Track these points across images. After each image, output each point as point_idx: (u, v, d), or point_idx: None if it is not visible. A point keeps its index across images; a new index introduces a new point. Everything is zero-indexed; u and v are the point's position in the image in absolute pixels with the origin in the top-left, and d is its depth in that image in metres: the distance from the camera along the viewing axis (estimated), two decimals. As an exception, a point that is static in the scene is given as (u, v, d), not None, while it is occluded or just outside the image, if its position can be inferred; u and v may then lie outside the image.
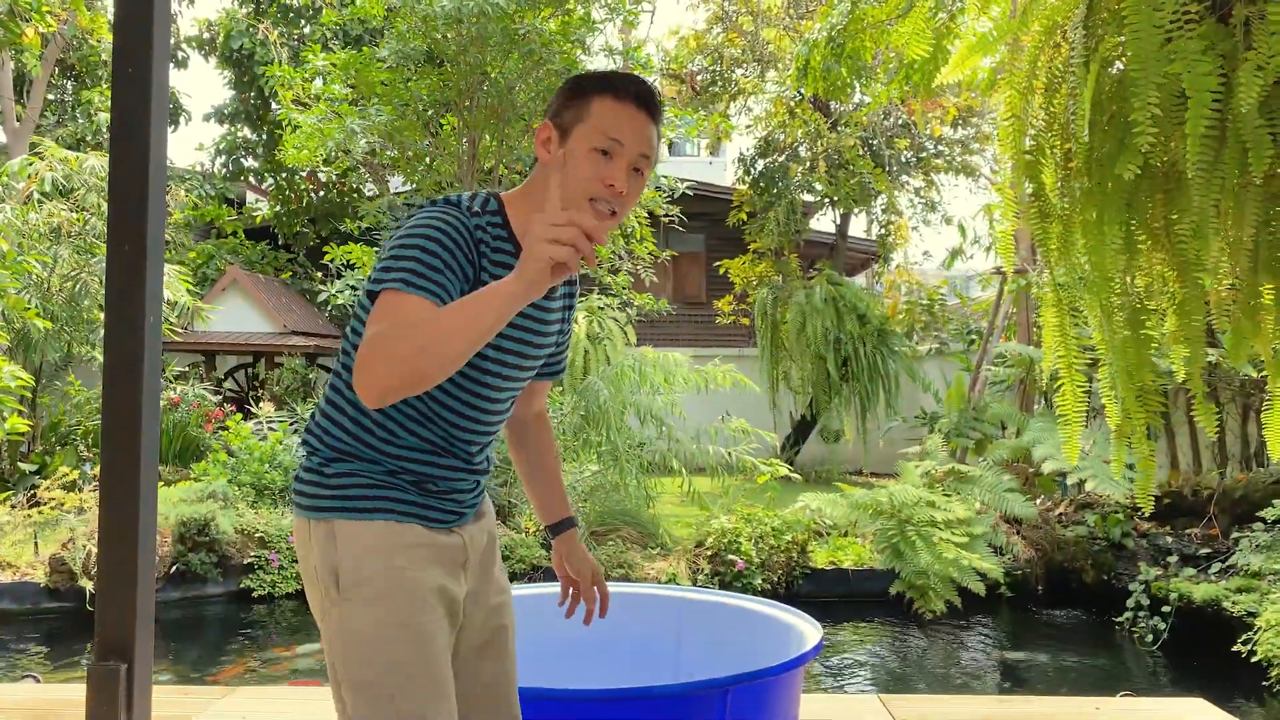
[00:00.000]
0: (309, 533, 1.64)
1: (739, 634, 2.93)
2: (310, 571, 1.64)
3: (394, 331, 1.39)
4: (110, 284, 2.61)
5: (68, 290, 9.61)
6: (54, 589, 6.68)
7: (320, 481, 1.65)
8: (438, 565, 1.64)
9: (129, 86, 2.57)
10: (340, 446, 1.65)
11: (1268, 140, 2.63)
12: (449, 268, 1.51)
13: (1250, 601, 5.99)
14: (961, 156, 15.30)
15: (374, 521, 1.60)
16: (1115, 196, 3.04)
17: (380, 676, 1.55)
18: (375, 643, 1.56)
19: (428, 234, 1.52)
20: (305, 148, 8.90)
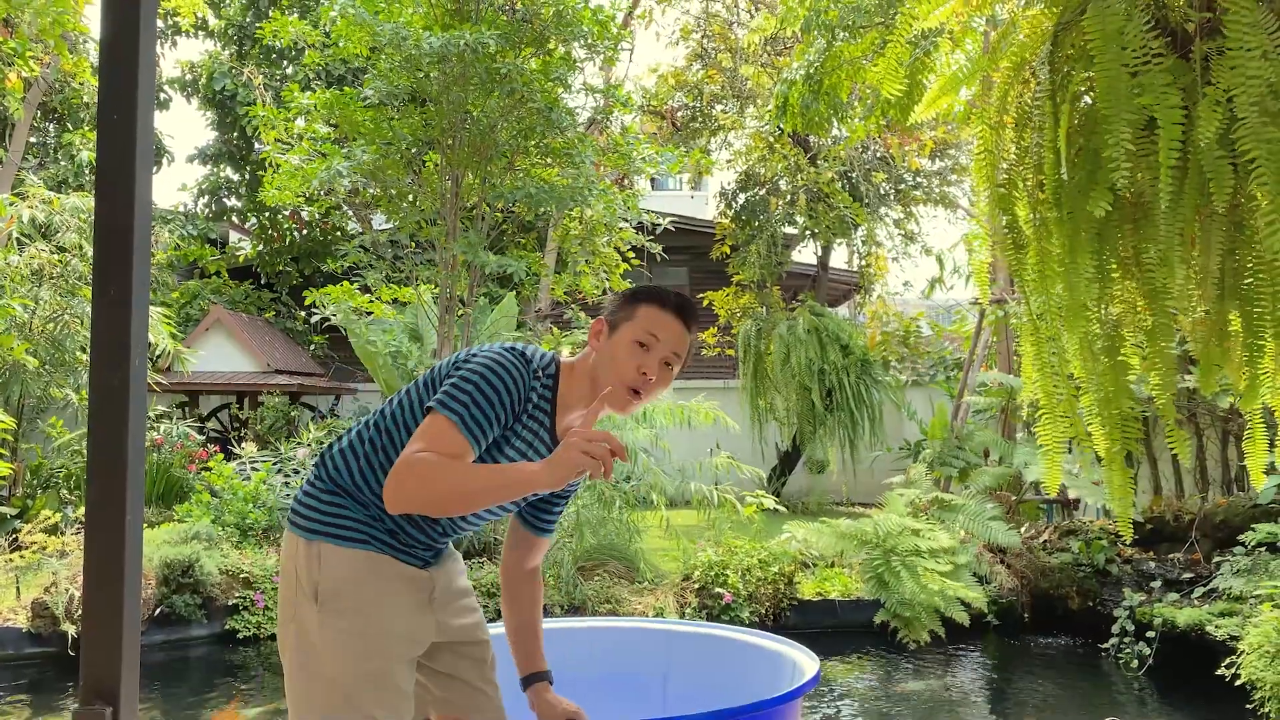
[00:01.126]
0: (298, 547, 1.90)
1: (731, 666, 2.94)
2: (290, 576, 1.90)
3: (433, 468, 1.72)
4: (95, 328, 2.63)
5: (50, 332, 9.58)
6: (37, 634, 6.61)
7: (317, 507, 1.92)
8: (406, 594, 1.90)
9: (114, 133, 2.60)
10: (342, 484, 1.92)
11: (1229, 171, 2.70)
12: (497, 417, 1.82)
13: (1233, 625, 6.02)
14: (939, 188, 15.46)
15: (355, 550, 1.87)
16: (1086, 227, 3.10)
17: (342, 678, 1.82)
18: (341, 649, 1.83)
19: (494, 382, 1.83)
20: (286, 188, 8.94)
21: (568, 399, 1.95)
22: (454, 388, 1.82)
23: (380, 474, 1.90)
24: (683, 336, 1.96)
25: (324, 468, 1.96)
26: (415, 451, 1.75)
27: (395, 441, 1.91)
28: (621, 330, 1.93)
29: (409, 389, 1.98)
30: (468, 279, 9.22)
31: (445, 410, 1.79)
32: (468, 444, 1.78)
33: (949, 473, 9.66)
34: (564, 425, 1.97)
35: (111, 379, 2.60)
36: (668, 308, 1.95)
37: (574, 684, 2.84)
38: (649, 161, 9.49)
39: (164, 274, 14.28)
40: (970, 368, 10.60)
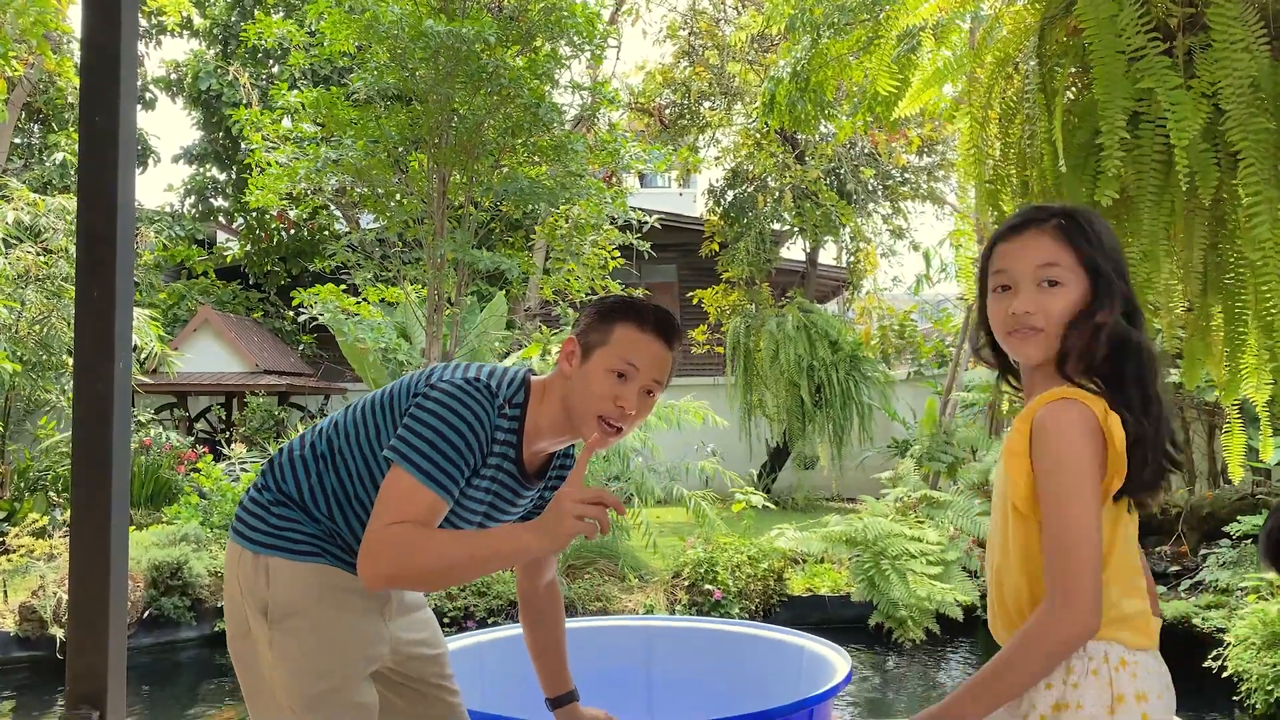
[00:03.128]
0: (244, 562, 1.79)
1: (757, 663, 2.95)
2: (236, 593, 1.79)
3: (411, 545, 1.58)
4: (79, 330, 2.62)
5: (36, 334, 9.54)
6: (24, 637, 6.58)
7: (263, 518, 1.80)
8: (360, 607, 1.79)
9: (96, 133, 2.58)
10: (293, 496, 1.80)
11: (1213, 165, 2.71)
12: (466, 463, 1.67)
13: (1219, 618, 6.06)
14: (927, 184, 15.51)
15: (306, 563, 1.76)
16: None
17: (298, 698, 1.73)
18: (295, 668, 1.73)
19: (457, 424, 1.66)
20: (270, 190, 8.91)
21: (538, 423, 1.77)
22: (413, 434, 1.65)
23: (336, 490, 1.78)
24: (664, 360, 1.76)
25: (271, 476, 1.84)
26: (388, 524, 1.60)
27: (346, 460, 1.79)
28: (595, 356, 1.73)
29: (366, 404, 1.83)
30: (455, 278, 9.21)
31: (408, 465, 1.63)
32: (439, 500, 1.64)
33: (937, 468, 9.69)
34: (531, 451, 1.81)
35: (96, 383, 2.59)
36: (646, 328, 1.74)
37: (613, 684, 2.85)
38: (637, 159, 9.48)
39: (151, 275, 14.21)
40: (957, 364, 10.63)
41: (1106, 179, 2.76)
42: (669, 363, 1.78)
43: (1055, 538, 1.30)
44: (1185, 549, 7.49)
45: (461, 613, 7.07)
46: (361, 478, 1.78)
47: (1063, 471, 1.31)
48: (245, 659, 1.81)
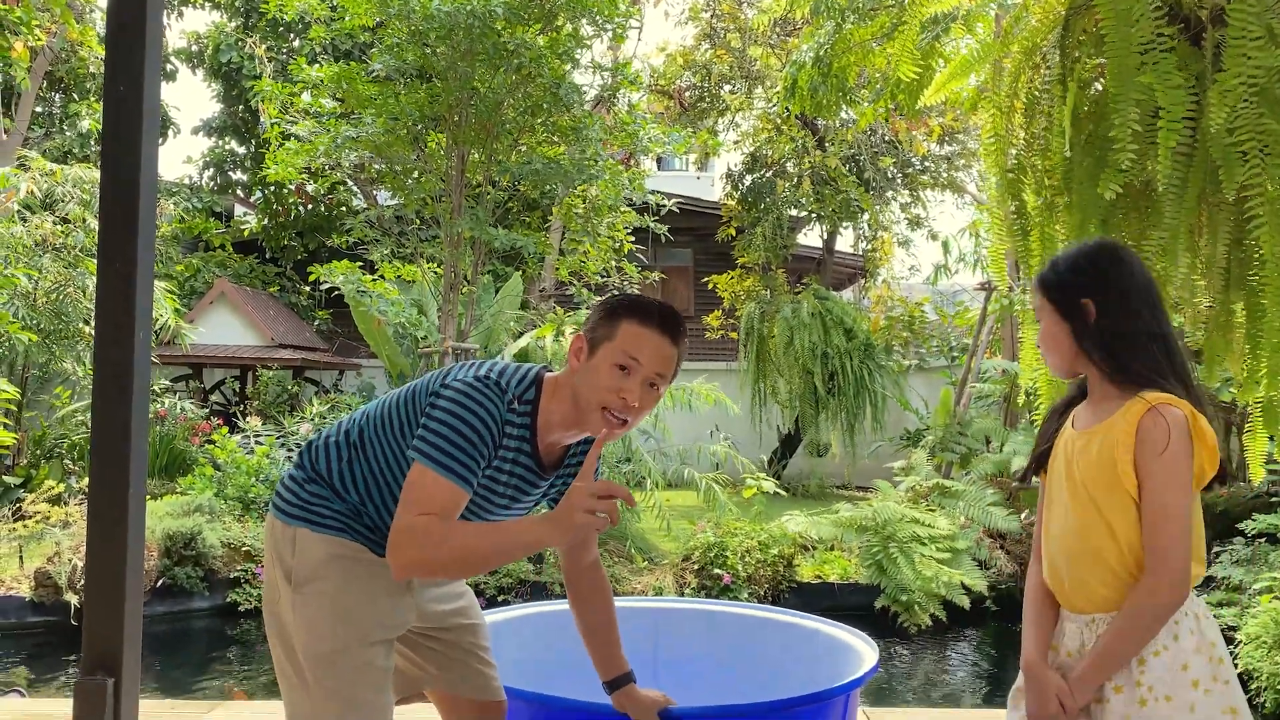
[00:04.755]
0: (277, 531, 1.94)
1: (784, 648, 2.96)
2: (270, 558, 1.95)
3: (433, 536, 1.71)
4: (100, 301, 2.63)
5: (53, 303, 9.59)
6: (39, 603, 6.65)
7: (297, 493, 1.94)
8: (381, 578, 1.88)
9: (120, 105, 2.59)
10: (324, 476, 1.94)
11: (1238, 159, 2.69)
12: (482, 455, 1.78)
13: (1231, 615, 6.04)
14: (947, 173, 15.41)
15: (330, 536, 1.89)
16: (1093, 214, 3.09)
17: (315, 659, 1.85)
18: (313, 631, 1.85)
19: (471, 420, 1.77)
20: (289, 164, 8.92)
21: (551, 417, 1.87)
22: (431, 432, 1.77)
23: (365, 475, 1.91)
24: (668, 354, 1.83)
25: (308, 457, 1.98)
26: (414, 516, 1.73)
27: (373, 443, 1.92)
28: (601, 351, 1.82)
29: (394, 399, 1.95)
30: (472, 256, 9.21)
31: (428, 462, 1.75)
32: (459, 491, 1.76)
33: (950, 459, 9.67)
34: (547, 441, 1.90)
35: (116, 352, 2.61)
36: (650, 323, 1.82)
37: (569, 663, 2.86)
38: (656, 141, 9.45)
39: (168, 247, 14.26)
40: (974, 354, 10.59)
41: (1112, 172, 2.74)
42: (673, 358, 1.85)
43: (1156, 525, 1.61)
44: (1198, 546, 7.47)
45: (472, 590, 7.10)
46: (390, 465, 1.90)
47: (1165, 470, 1.61)
48: (273, 621, 1.94)
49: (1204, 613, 1.68)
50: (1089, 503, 1.71)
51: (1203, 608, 1.68)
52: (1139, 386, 1.69)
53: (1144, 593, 1.62)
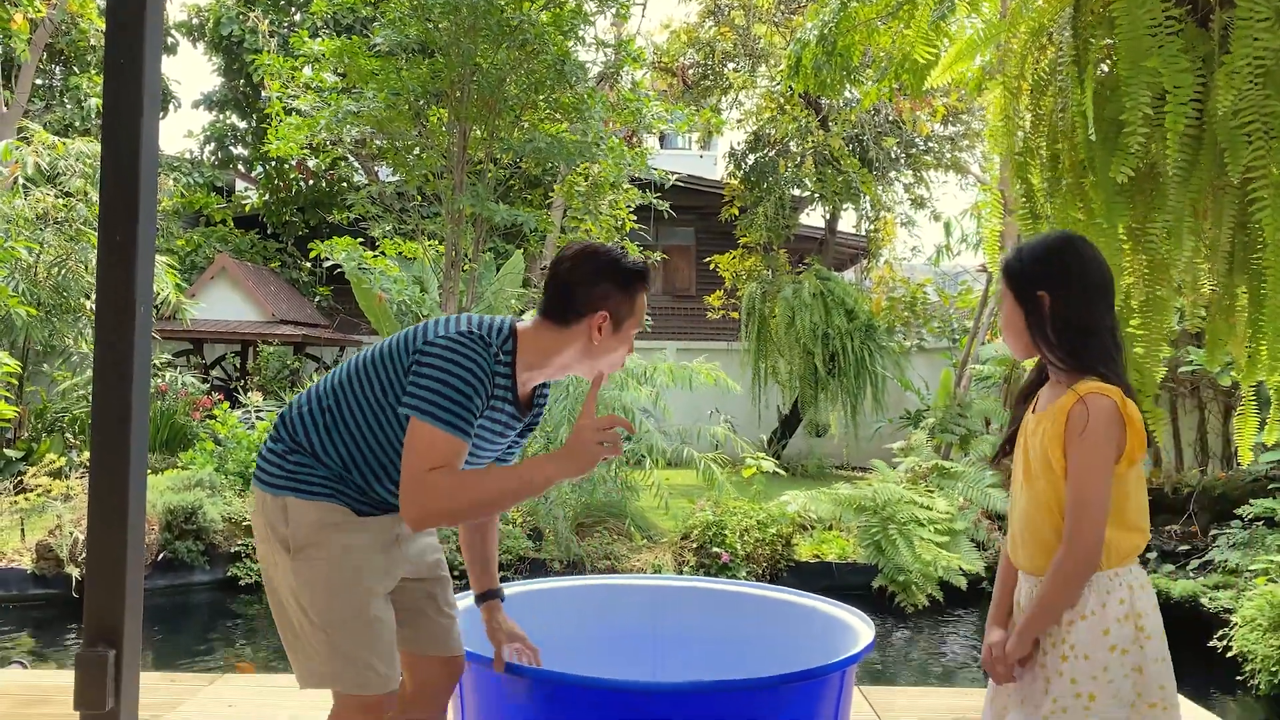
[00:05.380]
0: (265, 503, 2.00)
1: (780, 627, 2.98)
2: (263, 531, 2.00)
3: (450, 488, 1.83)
4: (101, 274, 2.63)
5: (54, 277, 9.58)
6: (41, 575, 6.68)
7: (281, 465, 2.00)
8: (373, 541, 1.99)
9: (121, 76, 2.58)
10: (304, 445, 1.99)
11: (1244, 142, 2.67)
12: (477, 407, 1.88)
13: (1227, 598, 6.07)
14: (950, 154, 15.34)
15: (319, 501, 1.95)
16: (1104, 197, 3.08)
17: (321, 621, 1.93)
18: (322, 592, 1.93)
19: (464, 375, 1.86)
20: (290, 139, 8.88)
21: (532, 365, 1.99)
22: (425, 389, 1.85)
23: (344, 438, 1.97)
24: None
25: (284, 429, 2.03)
26: (426, 471, 1.81)
27: (348, 406, 1.98)
28: (625, 326, 1.99)
29: (366, 359, 2.01)
30: (473, 234, 9.19)
31: (427, 417, 1.83)
32: (460, 443, 1.85)
33: (950, 440, 9.68)
34: (524, 383, 2.02)
35: (117, 325, 2.60)
36: (649, 288, 2.05)
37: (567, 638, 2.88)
38: (658, 118, 9.40)
39: (169, 222, 14.22)
40: (975, 336, 10.59)
41: (1124, 155, 2.73)
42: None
43: (1072, 504, 1.77)
44: (1195, 529, 7.49)
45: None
46: (372, 425, 1.96)
47: (1084, 455, 1.75)
48: (274, 587, 2.01)
49: (1141, 584, 1.80)
50: (1036, 481, 1.87)
51: (1141, 580, 1.81)
52: (1084, 374, 1.82)
53: (1058, 562, 1.78)
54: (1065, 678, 1.77)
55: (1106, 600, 1.77)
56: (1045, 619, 1.81)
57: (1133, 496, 1.81)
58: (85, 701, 2.55)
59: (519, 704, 2.24)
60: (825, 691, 2.42)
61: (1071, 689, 1.76)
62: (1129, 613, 1.76)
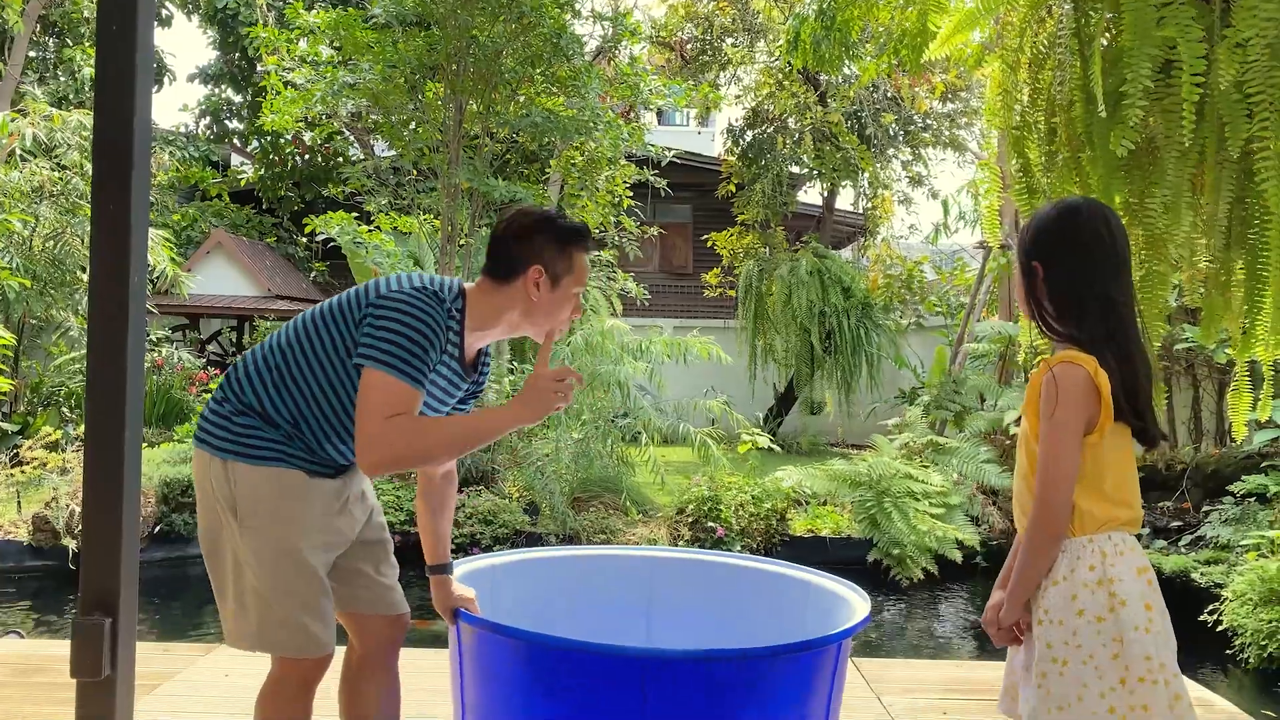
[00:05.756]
0: (209, 465, 2.00)
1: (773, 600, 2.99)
2: (207, 491, 2.01)
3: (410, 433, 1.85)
4: (95, 243, 2.62)
5: (50, 250, 9.55)
6: (37, 547, 6.70)
7: (227, 427, 2.00)
8: (318, 502, 2.01)
9: (113, 43, 2.56)
10: (253, 405, 2.00)
11: (1244, 116, 2.67)
12: (430, 360, 1.91)
13: (1218, 574, 6.10)
14: (949, 131, 15.29)
15: (266, 467, 1.96)
16: (1103, 171, 3.08)
17: (266, 586, 1.96)
18: (269, 558, 1.96)
19: (420, 328, 1.89)
20: (286, 113, 8.83)
21: (479, 325, 2.04)
22: (380, 339, 1.88)
23: (294, 395, 1.98)
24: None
25: (230, 389, 2.04)
26: (382, 419, 1.84)
27: (298, 364, 1.99)
28: (563, 284, 2.02)
29: (314, 316, 2.03)
30: (469, 208, 9.16)
31: (383, 366, 1.86)
32: (416, 392, 1.88)
33: (944, 416, 9.70)
34: (470, 346, 2.07)
35: (111, 294, 2.60)
36: (590, 249, 2.09)
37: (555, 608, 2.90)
38: (656, 93, 9.35)
39: (164, 196, 14.17)
40: (971, 313, 10.59)
41: (1126, 128, 2.72)
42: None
43: (1040, 472, 1.79)
44: (1188, 505, 7.53)
45: (468, 539, 7.17)
46: (324, 382, 1.98)
47: (1052, 426, 1.77)
48: (217, 547, 2.03)
49: (1115, 552, 1.78)
50: (1020, 449, 1.93)
51: (1114, 548, 1.79)
52: (1067, 344, 1.83)
53: (1027, 528, 1.82)
54: (1042, 642, 1.79)
55: (1076, 566, 1.78)
56: (1022, 584, 1.83)
57: (1111, 467, 1.81)
58: (82, 669, 2.56)
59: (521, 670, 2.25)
60: (821, 664, 2.43)
61: (1048, 654, 1.78)
62: (1101, 579, 1.76)
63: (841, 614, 2.69)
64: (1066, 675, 1.75)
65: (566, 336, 10.50)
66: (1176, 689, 1.72)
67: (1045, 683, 1.78)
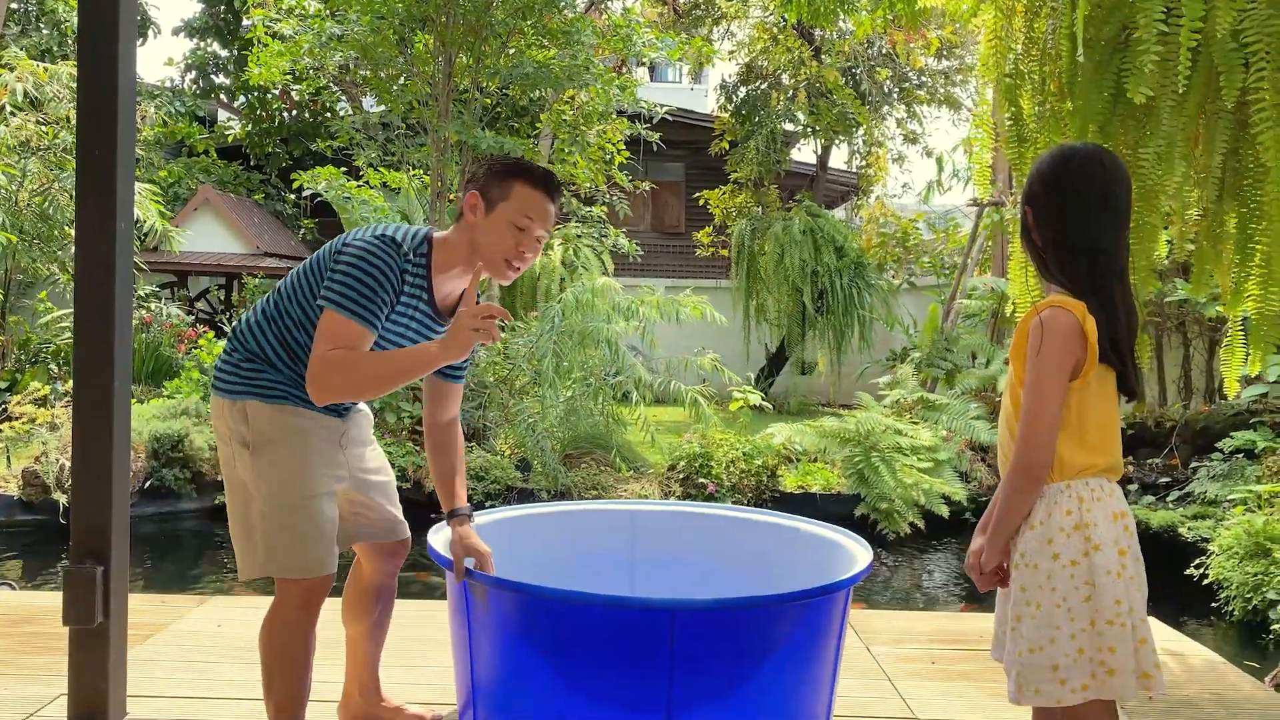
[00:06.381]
0: (225, 409, 2.18)
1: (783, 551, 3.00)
2: (224, 434, 2.20)
3: (345, 363, 2.01)
4: (80, 189, 2.59)
5: (37, 205, 9.45)
6: (28, 502, 6.70)
7: (238, 373, 2.18)
8: (323, 437, 2.20)
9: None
10: (258, 353, 2.18)
11: (1240, 66, 2.65)
12: (384, 300, 2.06)
13: (1205, 528, 6.16)
14: (944, 88, 15.18)
15: (276, 404, 2.15)
16: (1092, 122, 3.05)
17: (273, 508, 2.14)
18: (276, 479, 2.14)
19: (372, 272, 2.05)
20: (273, 65, 8.71)
21: (444, 267, 2.17)
22: (338, 284, 2.04)
23: (282, 341, 2.17)
24: (551, 213, 2.17)
25: (238, 341, 2.22)
26: (327, 351, 2.01)
27: (290, 313, 2.17)
28: (498, 210, 2.11)
29: (301, 269, 2.20)
30: (460, 163, 9.08)
31: (338, 308, 2.02)
32: (364, 331, 2.04)
33: (936, 374, 9.73)
34: (443, 291, 2.21)
35: (97, 241, 2.57)
36: (539, 186, 2.13)
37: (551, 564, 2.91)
38: (649, 46, 9.24)
39: (150, 152, 13.99)
40: (964, 271, 10.58)
41: (1140, 74, 2.69)
42: (554, 215, 2.19)
43: (1023, 416, 1.80)
44: (1176, 461, 7.58)
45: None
46: (304, 328, 2.16)
47: (1036, 371, 1.78)
48: (235, 483, 2.20)
49: (1092, 498, 1.80)
50: (1007, 394, 1.94)
51: (1091, 494, 1.80)
52: (1058, 289, 1.84)
53: (1007, 471, 1.84)
54: (1018, 586, 1.82)
55: (1053, 510, 1.79)
56: (1001, 527, 1.85)
57: (1093, 415, 1.82)
58: (74, 617, 2.57)
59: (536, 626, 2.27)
60: (834, 607, 2.44)
61: (1023, 597, 1.80)
62: (1077, 524, 1.77)
63: (836, 561, 2.71)
64: (1039, 618, 1.77)
65: (557, 295, 10.47)
66: (1143, 633, 1.76)
67: (1019, 626, 1.81)
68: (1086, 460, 1.81)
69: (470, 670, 2.43)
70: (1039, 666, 1.77)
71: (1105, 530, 1.77)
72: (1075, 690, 1.74)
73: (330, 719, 2.64)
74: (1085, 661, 1.74)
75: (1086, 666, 1.74)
